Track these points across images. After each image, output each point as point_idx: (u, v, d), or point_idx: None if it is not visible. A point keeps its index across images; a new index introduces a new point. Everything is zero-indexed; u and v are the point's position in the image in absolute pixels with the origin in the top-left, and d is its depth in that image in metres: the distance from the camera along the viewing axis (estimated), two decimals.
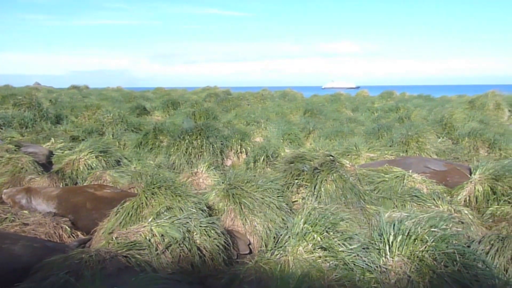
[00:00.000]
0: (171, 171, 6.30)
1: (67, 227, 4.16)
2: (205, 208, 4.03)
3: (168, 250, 3.39)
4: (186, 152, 6.65)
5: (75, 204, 4.49)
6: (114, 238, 3.35)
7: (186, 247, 3.42)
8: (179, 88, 25.42)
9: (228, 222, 4.29)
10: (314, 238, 3.03)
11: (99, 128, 9.05)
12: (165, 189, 4.02)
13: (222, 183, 4.67)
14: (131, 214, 3.83)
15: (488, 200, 5.05)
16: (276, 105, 13.65)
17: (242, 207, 4.25)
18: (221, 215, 4.30)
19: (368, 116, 12.50)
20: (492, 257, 3.52)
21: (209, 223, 3.65)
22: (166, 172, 5.98)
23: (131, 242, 3.27)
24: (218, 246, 3.54)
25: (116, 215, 3.91)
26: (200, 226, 3.59)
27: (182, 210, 3.82)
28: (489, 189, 5.13)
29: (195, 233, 3.54)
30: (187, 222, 3.59)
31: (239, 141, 7.09)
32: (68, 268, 2.79)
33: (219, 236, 3.60)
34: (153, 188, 4.01)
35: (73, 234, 4.19)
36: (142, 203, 3.90)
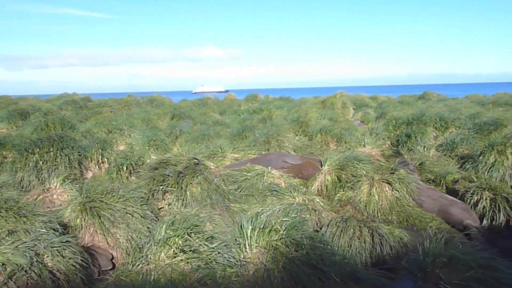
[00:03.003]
0: (18, 190, 5.55)
1: None
2: (57, 226, 3.66)
3: (11, 280, 2.99)
4: (36, 167, 5.94)
5: None
6: None
7: (35, 272, 3.06)
8: (29, 96, 22.58)
9: (88, 238, 3.99)
10: (175, 242, 3.02)
11: None
12: (6, 210, 3.53)
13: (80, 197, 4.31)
14: None
15: (336, 188, 5.73)
16: (142, 111, 13.18)
17: (102, 220, 3.99)
18: (79, 232, 3.97)
19: (235, 119, 12.99)
20: (338, 237, 4.01)
21: (62, 242, 3.33)
22: (10, 191, 5.24)
23: None
24: (74, 266, 3.25)
25: None
26: (52, 247, 3.25)
27: (29, 232, 3.41)
28: (336, 178, 5.83)
29: (46, 255, 3.20)
30: (35, 245, 3.22)
31: (100, 150, 6.64)
32: None
33: (75, 255, 3.31)
34: None
35: None
36: None
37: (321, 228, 4.30)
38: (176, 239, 3.03)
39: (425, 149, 7.78)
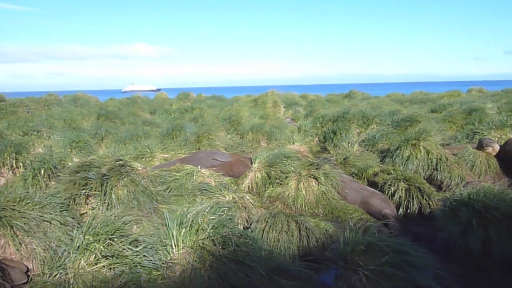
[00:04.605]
0: None
1: None
2: None
3: None
4: None
5: None
6: None
7: None
8: None
9: None
10: (96, 248, 2.87)
11: None
12: None
13: None
14: None
15: (265, 184, 5.83)
16: (64, 111, 12.36)
17: (15, 230, 3.67)
18: None
19: (165, 118, 12.69)
20: (267, 232, 4.09)
21: None
22: None
23: None
24: None
25: None
26: None
27: None
28: (266, 174, 5.93)
29: None
30: None
31: (14, 154, 6.11)
32: None
33: None
34: None
35: None
36: None
37: (250, 225, 4.35)
38: (97, 245, 2.88)
39: (349, 144, 8.20)
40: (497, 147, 6.57)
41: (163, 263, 2.93)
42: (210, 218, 3.14)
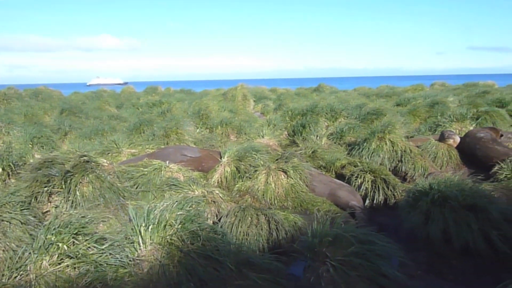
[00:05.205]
0: None
1: None
2: None
3: None
4: None
5: None
6: None
7: None
8: None
9: None
10: (59, 247, 2.78)
11: None
12: None
13: None
14: None
15: (235, 179, 5.83)
16: (25, 106, 11.83)
17: None
18: None
19: (133, 112, 12.41)
20: (236, 226, 4.10)
21: None
22: None
23: None
24: None
25: None
26: None
27: None
28: (235, 169, 5.93)
29: None
30: None
31: None
32: None
33: None
34: None
35: None
36: None
37: (220, 219, 4.34)
38: (60, 244, 2.79)
39: (318, 138, 8.32)
40: (457, 139, 6.84)
41: (130, 260, 2.87)
42: (178, 213, 3.10)
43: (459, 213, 3.80)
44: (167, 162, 5.53)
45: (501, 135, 6.82)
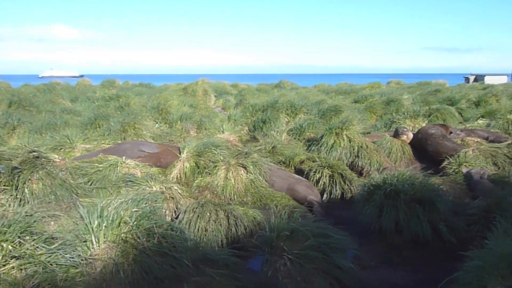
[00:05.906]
0: None
1: None
2: None
3: None
4: None
5: None
6: None
7: None
8: None
9: None
10: (4, 248, 2.63)
11: None
12: None
13: None
14: None
15: (194, 174, 5.76)
16: None
17: None
18: None
19: (88, 106, 11.95)
20: (194, 222, 4.05)
21: None
22: None
23: None
24: None
25: None
26: None
27: None
28: (194, 164, 5.86)
29: None
30: None
31: None
32: None
33: None
34: None
35: None
36: None
37: (178, 216, 4.28)
38: (5, 244, 2.63)
39: (278, 133, 8.40)
40: (410, 135, 7.14)
41: (82, 259, 2.77)
42: (133, 210, 3.02)
43: (410, 206, 3.97)
44: (124, 157, 5.37)
45: (451, 132, 7.18)
